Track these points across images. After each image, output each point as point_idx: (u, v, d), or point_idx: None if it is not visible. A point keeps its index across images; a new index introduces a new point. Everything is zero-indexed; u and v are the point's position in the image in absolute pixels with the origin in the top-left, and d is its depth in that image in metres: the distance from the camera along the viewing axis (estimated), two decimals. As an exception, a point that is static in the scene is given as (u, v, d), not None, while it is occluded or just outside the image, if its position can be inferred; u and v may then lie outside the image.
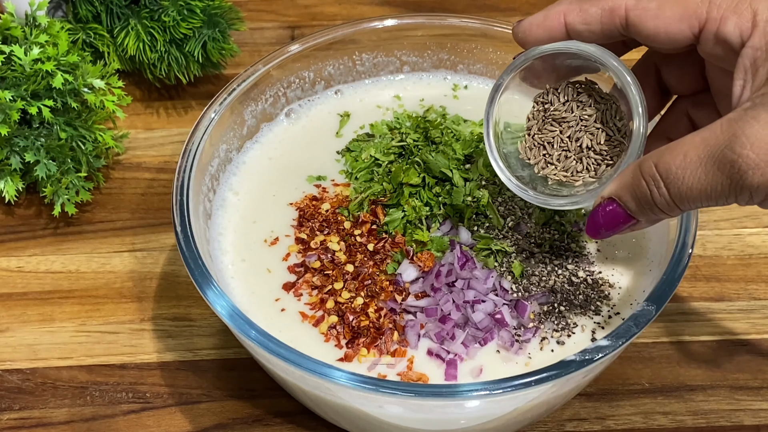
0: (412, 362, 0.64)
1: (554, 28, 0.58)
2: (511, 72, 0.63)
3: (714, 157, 0.50)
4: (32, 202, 0.85)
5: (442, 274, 0.66)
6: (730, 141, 0.49)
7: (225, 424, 0.71)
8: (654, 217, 0.55)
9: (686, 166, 0.51)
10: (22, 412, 0.71)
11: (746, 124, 0.49)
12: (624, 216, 0.56)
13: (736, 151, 0.49)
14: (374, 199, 0.72)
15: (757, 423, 0.71)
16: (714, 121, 0.51)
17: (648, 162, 0.53)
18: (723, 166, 0.49)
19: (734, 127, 0.49)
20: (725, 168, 0.49)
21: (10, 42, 0.80)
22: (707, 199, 0.51)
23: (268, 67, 0.77)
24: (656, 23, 0.55)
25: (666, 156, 0.52)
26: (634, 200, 0.55)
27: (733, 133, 0.49)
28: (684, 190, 0.52)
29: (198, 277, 0.63)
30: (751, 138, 0.48)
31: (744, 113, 0.50)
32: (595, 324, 0.66)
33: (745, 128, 0.49)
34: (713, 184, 0.50)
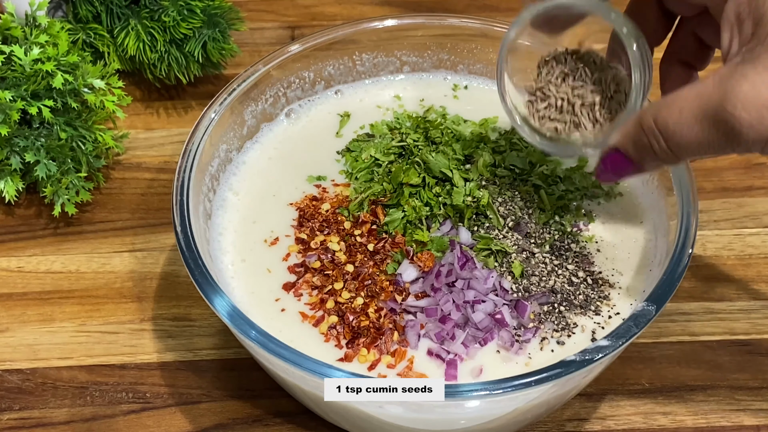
0: (412, 362, 0.64)
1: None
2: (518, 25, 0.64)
3: (708, 115, 0.51)
4: (32, 202, 0.85)
5: (442, 274, 0.66)
6: (723, 100, 0.50)
7: (225, 424, 0.71)
8: (656, 165, 0.58)
9: (683, 122, 0.53)
10: (22, 412, 0.71)
11: (736, 82, 0.50)
12: (629, 164, 0.59)
13: (729, 110, 0.50)
14: (374, 199, 0.72)
15: (757, 423, 0.71)
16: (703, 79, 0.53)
17: (647, 116, 0.55)
18: (718, 124, 0.51)
19: (725, 84, 0.51)
20: (720, 126, 0.51)
21: (10, 42, 0.80)
22: (705, 152, 0.54)
23: (268, 67, 0.77)
24: None
25: (663, 111, 0.54)
26: (637, 151, 0.57)
27: (725, 91, 0.50)
28: (682, 144, 0.54)
29: (198, 277, 0.63)
30: (742, 97, 0.50)
31: (734, 70, 0.51)
32: (595, 324, 0.66)
33: (736, 87, 0.50)
34: (710, 139, 0.52)
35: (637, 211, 0.72)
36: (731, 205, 0.84)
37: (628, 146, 0.58)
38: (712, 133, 0.52)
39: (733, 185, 0.85)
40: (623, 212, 0.72)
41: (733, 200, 0.84)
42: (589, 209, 0.72)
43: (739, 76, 0.50)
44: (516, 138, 0.76)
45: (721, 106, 0.50)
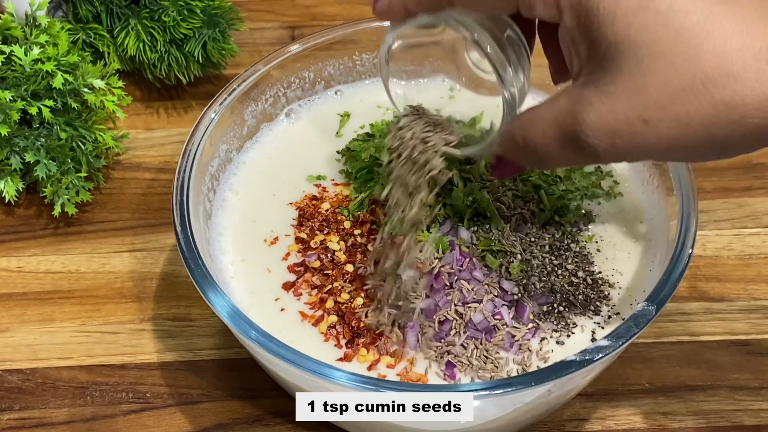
0: (412, 363, 0.64)
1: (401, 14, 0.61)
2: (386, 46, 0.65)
3: (568, 139, 0.53)
4: (32, 202, 0.85)
5: (442, 274, 0.66)
6: (576, 127, 0.52)
7: (225, 424, 0.71)
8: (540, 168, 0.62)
9: (547, 144, 0.55)
10: (22, 412, 0.71)
11: (584, 109, 0.51)
12: (516, 167, 0.62)
13: (583, 138, 0.52)
14: (374, 199, 0.72)
15: (757, 423, 0.70)
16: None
17: (517, 134, 0.57)
18: (578, 149, 0.53)
19: (576, 110, 0.52)
20: (580, 149, 0.53)
21: (10, 42, 0.81)
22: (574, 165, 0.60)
23: (268, 67, 0.77)
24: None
25: (530, 132, 0.56)
26: (518, 159, 0.60)
27: (576, 118, 0.52)
28: (554, 161, 0.56)
29: (198, 277, 0.63)
30: (592, 126, 0.51)
31: (580, 93, 0.52)
32: (595, 324, 0.66)
33: (584, 115, 0.51)
34: (576, 159, 0.54)
35: (637, 211, 0.72)
36: (731, 205, 0.84)
37: (509, 155, 0.60)
38: (577, 154, 0.53)
39: (733, 185, 0.85)
40: (623, 212, 0.72)
41: (733, 200, 0.84)
42: (589, 209, 0.72)
43: (585, 103, 0.51)
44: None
45: (575, 134, 0.52)
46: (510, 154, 0.59)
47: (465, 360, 0.63)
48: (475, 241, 0.68)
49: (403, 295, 0.65)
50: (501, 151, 0.60)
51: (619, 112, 0.50)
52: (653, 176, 0.72)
